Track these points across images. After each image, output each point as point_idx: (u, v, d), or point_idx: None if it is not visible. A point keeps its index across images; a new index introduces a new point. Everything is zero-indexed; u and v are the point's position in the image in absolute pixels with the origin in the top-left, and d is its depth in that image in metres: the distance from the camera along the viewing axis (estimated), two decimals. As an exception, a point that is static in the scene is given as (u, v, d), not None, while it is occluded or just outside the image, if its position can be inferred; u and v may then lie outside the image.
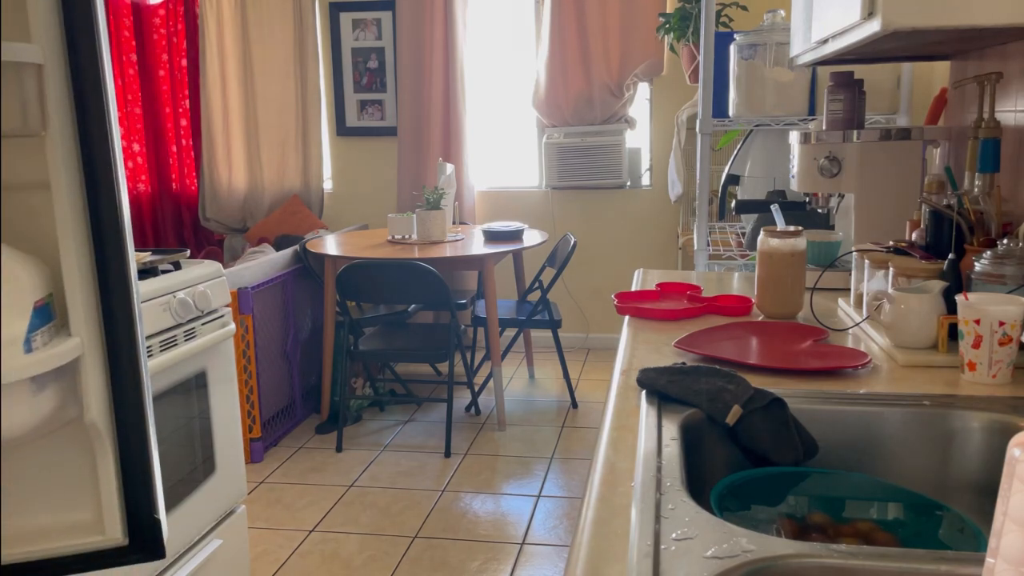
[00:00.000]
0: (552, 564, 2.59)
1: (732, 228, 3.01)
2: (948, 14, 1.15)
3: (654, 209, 4.56)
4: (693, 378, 1.10)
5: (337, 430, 3.49)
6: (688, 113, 4.03)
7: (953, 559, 0.70)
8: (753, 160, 2.84)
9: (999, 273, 1.23)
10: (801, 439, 1.01)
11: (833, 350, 1.35)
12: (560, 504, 2.98)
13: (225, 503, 2.23)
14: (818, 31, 1.55)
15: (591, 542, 0.77)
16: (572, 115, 4.45)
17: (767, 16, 2.63)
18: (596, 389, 4.07)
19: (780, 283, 1.56)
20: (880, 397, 1.13)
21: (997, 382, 1.16)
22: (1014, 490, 0.47)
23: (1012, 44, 1.50)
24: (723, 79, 2.65)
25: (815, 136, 1.80)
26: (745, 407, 1.01)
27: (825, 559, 0.71)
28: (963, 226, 1.37)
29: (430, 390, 4.10)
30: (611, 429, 1.05)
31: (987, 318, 1.14)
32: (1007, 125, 1.47)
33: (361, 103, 4.78)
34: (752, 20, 3.07)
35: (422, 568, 2.56)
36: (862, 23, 1.23)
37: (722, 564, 0.70)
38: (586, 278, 4.59)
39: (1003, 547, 0.48)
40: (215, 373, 2.17)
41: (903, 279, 1.37)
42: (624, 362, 1.31)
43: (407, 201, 4.61)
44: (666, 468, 0.90)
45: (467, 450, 3.44)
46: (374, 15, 4.67)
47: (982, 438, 1.05)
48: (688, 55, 3.57)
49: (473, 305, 3.92)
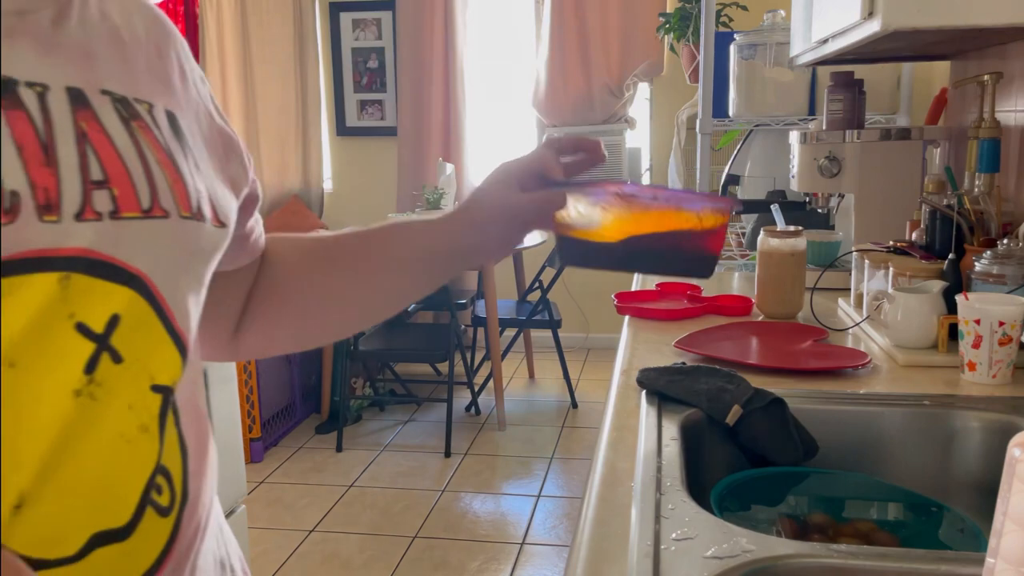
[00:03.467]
0: (552, 564, 2.59)
1: (732, 228, 3.01)
2: (948, 14, 1.15)
3: (654, 209, 4.55)
4: (693, 378, 1.10)
5: (337, 430, 3.49)
6: (688, 113, 4.03)
7: (953, 559, 0.70)
8: (753, 160, 2.84)
9: (999, 273, 1.23)
10: (801, 439, 1.01)
11: (833, 350, 1.35)
12: (560, 504, 2.98)
13: (225, 503, 2.23)
14: (818, 31, 1.55)
15: (591, 542, 0.77)
16: (572, 115, 4.45)
17: (767, 16, 2.63)
18: (596, 389, 4.07)
19: (780, 283, 1.56)
20: (880, 397, 1.13)
21: (997, 382, 1.16)
22: (1014, 490, 0.47)
23: (1012, 44, 1.50)
24: (723, 79, 2.64)
25: (815, 136, 1.80)
26: (745, 407, 1.01)
27: (825, 559, 0.71)
28: (963, 226, 1.37)
29: (430, 390, 4.10)
30: (611, 429, 1.05)
31: (987, 318, 1.14)
32: (1007, 125, 1.47)
33: (361, 103, 4.78)
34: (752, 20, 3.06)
35: (422, 568, 2.56)
36: (862, 23, 1.23)
37: (722, 564, 0.70)
38: (586, 278, 4.59)
39: (1003, 547, 0.48)
40: (215, 373, 2.17)
41: (903, 279, 1.37)
42: (624, 362, 1.30)
43: (407, 201, 4.61)
44: (666, 468, 0.89)
45: (467, 450, 3.44)
46: (374, 15, 4.67)
47: (982, 438, 1.05)
48: (688, 55, 3.56)
49: (473, 305, 3.92)
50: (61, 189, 0.50)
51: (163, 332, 0.56)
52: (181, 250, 0.58)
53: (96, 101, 0.54)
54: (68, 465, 0.50)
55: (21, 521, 0.48)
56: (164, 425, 0.56)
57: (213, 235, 0.62)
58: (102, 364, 0.51)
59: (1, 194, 0.47)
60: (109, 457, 0.52)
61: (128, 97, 0.57)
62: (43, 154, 0.50)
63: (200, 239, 0.60)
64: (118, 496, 0.52)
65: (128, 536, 0.53)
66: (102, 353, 0.51)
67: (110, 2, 0.60)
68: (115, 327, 0.52)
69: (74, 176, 0.51)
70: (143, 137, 0.56)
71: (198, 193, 0.60)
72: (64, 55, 0.54)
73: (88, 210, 0.51)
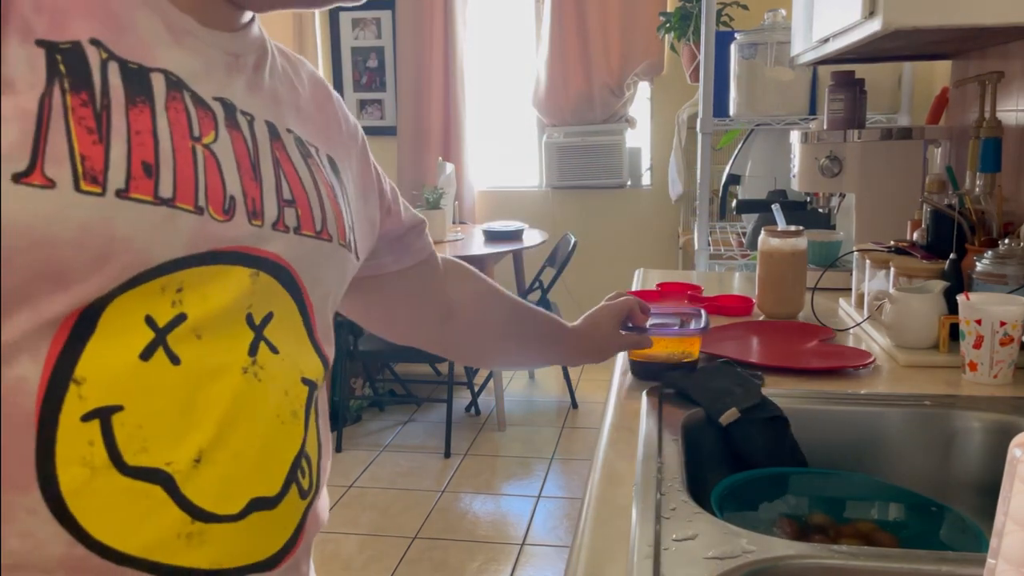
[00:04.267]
0: (552, 565, 2.59)
1: (733, 228, 3.01)
2: (949, 13, 1.15)
3: (654, 209, 4.55)
4: (708, 375, 1.10)
5: (337, 430, 3.49)
6: (688, 112, 4.03)
7: (954, 560, 0.70)
8: (754, 160, 2.84)
9: (1000, 273, 1.23)
10: (795, 460, 1.01)
11: (837, 350, 1.35)
12: (560, 505, 2.97)
13: (225, 503, 2.22)
14: (819, 30, 1.55)
15: (591, 543, 0.77)
16: (572, 114, 4.45)
17: (768, 15, 2.63)
18: (596, 389, 4.07)
19: (781, 283, 1.56)
20: (881, 397, 1.13)
21: (998, 382, 1.16)
22: (1015, 490, 0.47)
23: (1013, 43, 1.50)
24: (724, 78, 2.64)
25: (816, 135, 1.80)
26: (745, 413, 1.01)
27: (826, 560, 0.71)
28: (964, 226, 1.37)
29: (430, 390, 4.09)
30: (611, 429, 1.05)
31: (988, 318, 1.14)
32: (1008, 125, 1.47)
33: (361, 102, 4.77)
34: (753, 19, 3.06)
35: (422, 569, 2.56)
36: (863, 22, 1.22)
37: (723, 565, 0.70)
38: (586, 278, 4.58)
39: (1004, 547, 0.47)
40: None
41: (904, 279, 1.37)
42: (624, 362, 1.30)
43: (407, 200, 4.60)
44: (666, 469, 0.89)
45: (467, 450, 3.44)
46: (374, 14, 4.66)
47: (983, 438, 1.05)
48: (688, 54, 3.56)
49: (473, 305, 3.91)
50: (263, 201, 0.60)
51: (306, 336, 0.65)
52: (334, 271, 0.68)
53: (285, 136, 0.65)
54: (237, 433, 0.57)
55: (198, 475, 0.55)
56: (308, 415, 0.64)
57: (353, 264, 0.73)
58: (261, 351, 0.60)
59: (224, 196, 0.57)
60: (268, 432, 0.59)
61: (303, 139, 0.68)
62: (252, 171, 0.60)
63: (346, 264, 0.71)
64: (272, 469, 0.60)
65: (276, 506, 0.60)
66: (260, 342, 0.60)
67: (284, 60, 0.72)
68: (268, 322, 0.60)
69: (272, 193, 0.61)
70: (316, 172, 0.67)
71: (351, 226, 0.72)
72: (263, 95, 0.65)
73: (281, 222, 0.61)
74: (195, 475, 0.55)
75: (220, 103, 0.59)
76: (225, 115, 0.59)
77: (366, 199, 0.81)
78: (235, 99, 0.61)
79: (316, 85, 0.75)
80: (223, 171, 0.57)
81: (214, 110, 0.58)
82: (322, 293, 0.67)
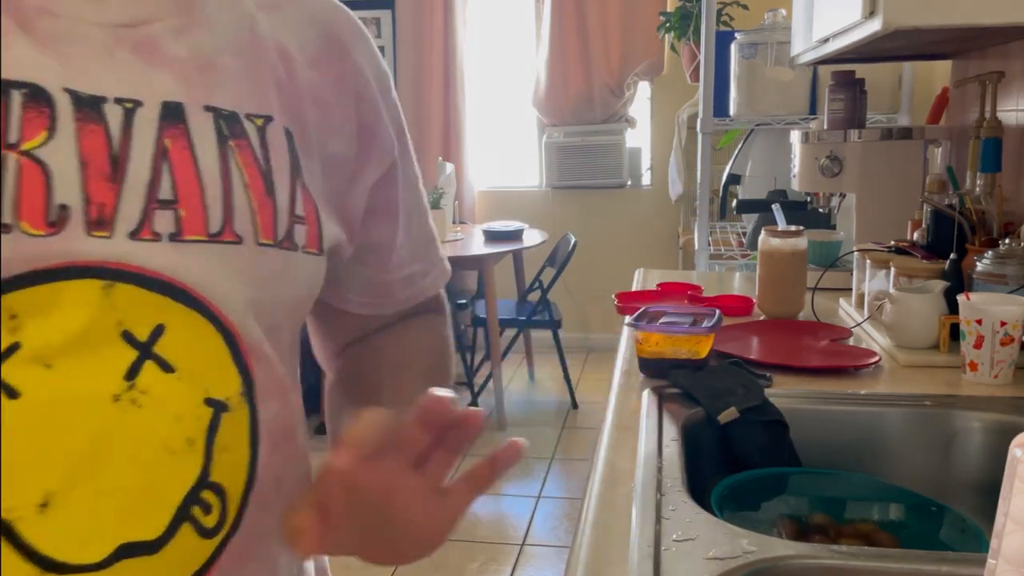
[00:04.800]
0: (552, 565, 2.59)
1: (733, 228, 3.00)
2: (949, 13, 1.15)
3: (654, 209, 4.55)
4: (714, 375, 1.10)
5: (337, 430, 3.48)
6: (689, 112, 4.03)
7: (954, 560, 0.70)
8: (754, 159, 2.84)
9: (1001, 273, 1.23)
10: (791, 465, 1.01)
11: (843, 349, 1.34)
12: (560, 505, 2.97)
13: (225, 503, 2.22)
14: (819, 30, 1.55)
15: (591, 543, 0.77)
16: (572, 114, 4.45)
17: (768, 15, 2.63)
18: (596, 389, 4.07)
19: (781, 283, 1.56)
20: (881, 397, 1.13)
21: (999, 382, 1.15)
22: (1015, 491, 0.47)
23: (1014, 43, 1.50)
24: (724, 78, 2.64)
25: (816, 135, 1.80)
26: (744, 414, 1.01)
27: (826, 560, 0.71)
28: (964, 226, 1.37)
29: (430, 390, 4.09)
30: (611, 429, 1.05)
31: (989, 318, 1.13)
32: (1008, 125, 1.47)
33: (361, 103, 4.78)
34: (753, 19, 3.06)
35: (422, 569, 2.55)
36: (863, 22, 1.22)
37: (723, 565, 0.70)
38: (586, 278, 4.58)
39: (1004, 548, 0.47)
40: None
41: (904, 279, 1.37)
42: (624, 362, 1.30)
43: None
44: (667, 469, 0.89)
45: (467, 450, 3.44)
46: (373, 14, 4.66)
47: (983, 438, 1.05)
48: (689, 54, 3.56)
49: (473, 305, 3.92)
50: (118, 206, 0.51)
51: (224, 351, 0.55)
52: (251, 275, 0.56)
53: (194, 118, 0.54)
54: (102, 470, 0.49)
55: (46, 520, 0.48)
56: (213, 441, 0.54)
57: (302, 262, 0.60)
58: (146, 372, 0.51)
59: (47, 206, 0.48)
60: (149, 466, 0.51)
61: (239, 113, 0.57)
62: (110, 170, 0.51)
63: (280, 266, 0.58)
64: (153, 508, 0.52)
65: (157, 551, 0.52)
66: (145, 361, 0.51)
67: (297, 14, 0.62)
68: (159, 336, 0.52)
69: (137, 195, 0.51)
70: (236, 158, 0.56)
71: (292, 219, 0.59)
72: (174, 68, 0.54)
73: (146, 229, 0.51)
74: (41, 521, 0.48)
75: (70, 95, 0.50)
76: (75, 109, 0.50)
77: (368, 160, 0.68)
78: (106, 88, 0.51)
79: (327, 38, 0.64)
80: (51, 177, 0.49)
81: (54, 105, 0.50)
82: (246, 301, 0.56)
